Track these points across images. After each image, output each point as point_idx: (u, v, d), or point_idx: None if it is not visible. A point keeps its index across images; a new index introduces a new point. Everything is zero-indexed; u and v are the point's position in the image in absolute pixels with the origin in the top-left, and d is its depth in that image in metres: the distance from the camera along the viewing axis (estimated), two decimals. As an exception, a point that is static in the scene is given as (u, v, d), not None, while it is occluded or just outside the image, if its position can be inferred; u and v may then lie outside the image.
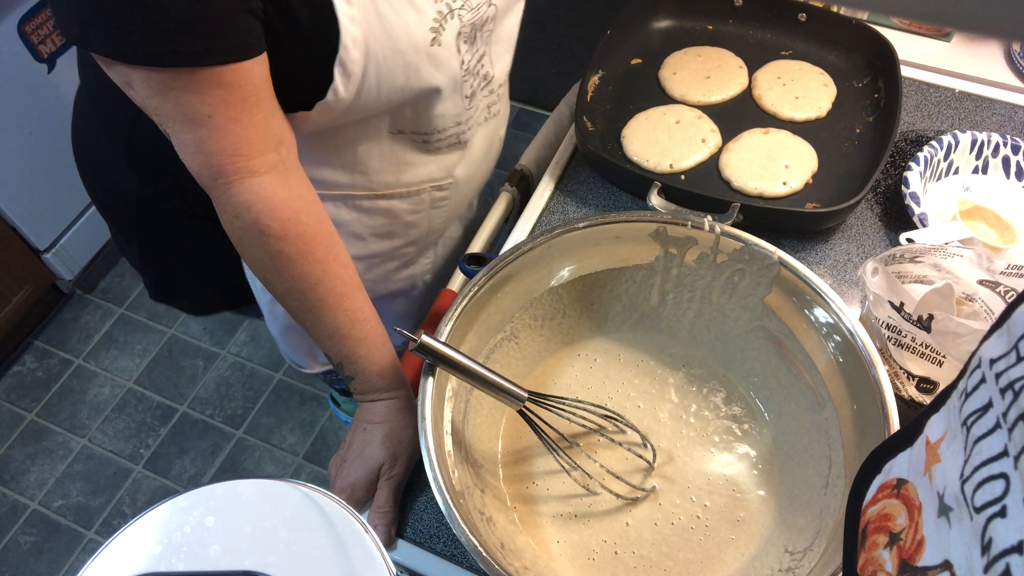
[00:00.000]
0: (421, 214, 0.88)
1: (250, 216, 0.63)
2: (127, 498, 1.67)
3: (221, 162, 0.61)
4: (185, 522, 0.54)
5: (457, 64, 0.73)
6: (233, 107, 0.59)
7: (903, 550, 0.38)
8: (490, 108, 0.85)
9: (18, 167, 1.66)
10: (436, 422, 0.62)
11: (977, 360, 0.35)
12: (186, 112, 0.59)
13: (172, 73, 0.57)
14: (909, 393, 0.67)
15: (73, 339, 1.90)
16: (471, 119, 0.82)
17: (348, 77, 0.65)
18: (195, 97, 0.58)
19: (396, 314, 1.05)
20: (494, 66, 0.81)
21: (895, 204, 0.88)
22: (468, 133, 0.82)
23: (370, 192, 0.81)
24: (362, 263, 0.90)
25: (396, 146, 0.78)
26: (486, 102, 0.83)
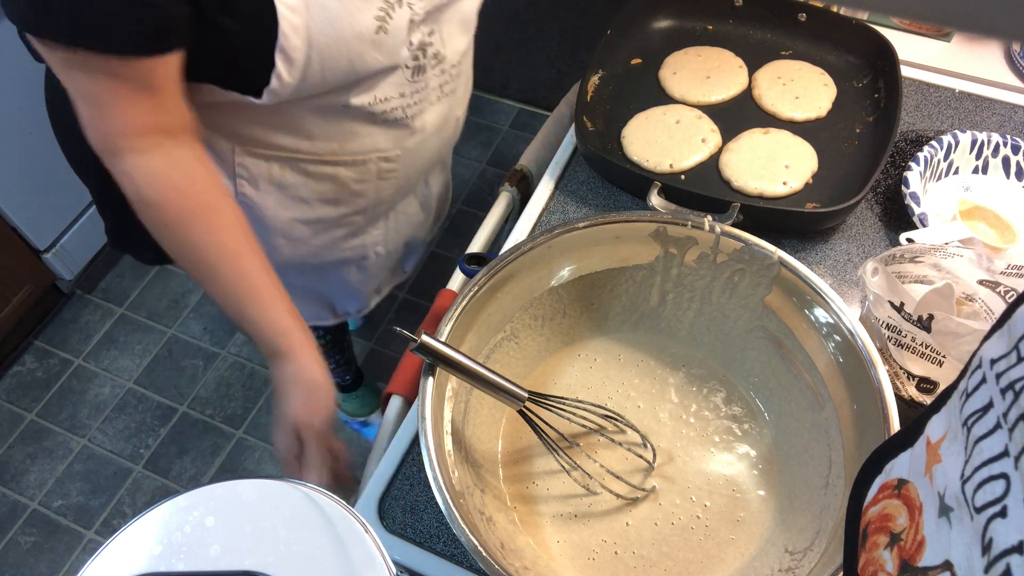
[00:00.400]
0: (368, 184, 0.89)
1: (132, 187, 0.68)
2: (127, 498, 1.67)
3: (106, 139, 0.67)
4: (185, 522, 0.54)
5: (404, 47, 0.75)
6: (121, 95, 0.64)
7: (904, 550, 0.38)
8: (443, 87, 0.86)
9: (18, 167, 1.66)
10: (436, 422, 0.62)
11: (978, 360, 0.35)
12: (79, 89, 0.65)
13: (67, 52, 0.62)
14: (909, 393, 0.67)
15: (73, 339, 1.90)
16: (421, 97, 0.83)
17: (291, 63, 0.68)
18: (86, 78, 0.64)
19: (347, 284, 1.06)
20: (446, 46, 0.82)
21: (895, 204, 0.88)
22: (415, 109, 0.83)
23: (315, 157, 0.83)
24: (308, 227, 0.92)
25: (343, 118, 0.80)
26: (438, 81, 0.84)
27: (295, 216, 0.90)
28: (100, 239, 1.94)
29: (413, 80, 0.80)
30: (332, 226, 0.93)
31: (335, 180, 0.86)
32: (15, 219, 1.69)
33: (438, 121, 0.89)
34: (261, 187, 0.86)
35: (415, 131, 0.86)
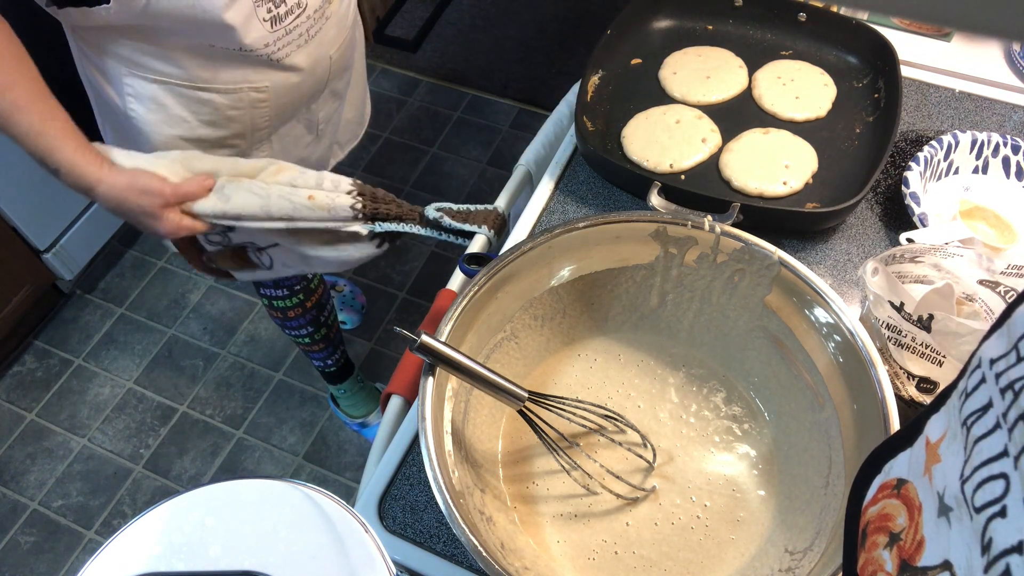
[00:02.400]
0: (242, 111, 0.95)
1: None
2: (127, 498, 1.67)
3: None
4: (185, 522, 0.54)
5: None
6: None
7: (903, 550, 0.38)
8: (309, 31, 0.91)
9: (18, 167, 1.66)
10: (436, 422, 0.62)
11: (977, 360, 0.35)
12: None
13: None
14: (909, 393, 0.67)
15: (73, 339, 1.90)
16: (287, 42, 0.89)
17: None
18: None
19: None
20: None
21: (895, 204, 0.88)
22: (282, 52, 0.90)
23: (190, 84, 0.89)
24: (192, 145, 0.97)
25: (214, 52, 0.86)
26: (305, 27, 0.90)
27: (178, 134, 0.96)
28: (100, 239, 1.94)
29: (273, 30, 0.86)
30: (215, 146, 1.00)
31: (210, 104, 0.92)
32: (15, 219, 1.69)
33: (309, 61, 0.95)
34: (146, 105, 0.92)
35: (286, 69, 0.93)
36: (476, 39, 2.37)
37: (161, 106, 0.93)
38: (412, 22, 2.43)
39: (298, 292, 1.35)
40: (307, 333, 1.44)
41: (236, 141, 1.00)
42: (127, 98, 0.92)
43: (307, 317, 1.40)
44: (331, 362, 1.56)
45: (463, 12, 2.42)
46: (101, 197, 0.82)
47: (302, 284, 1.35)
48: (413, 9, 2.46)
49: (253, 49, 0.86)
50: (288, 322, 1.41)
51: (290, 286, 1.33)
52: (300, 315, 1.39)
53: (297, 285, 1.34)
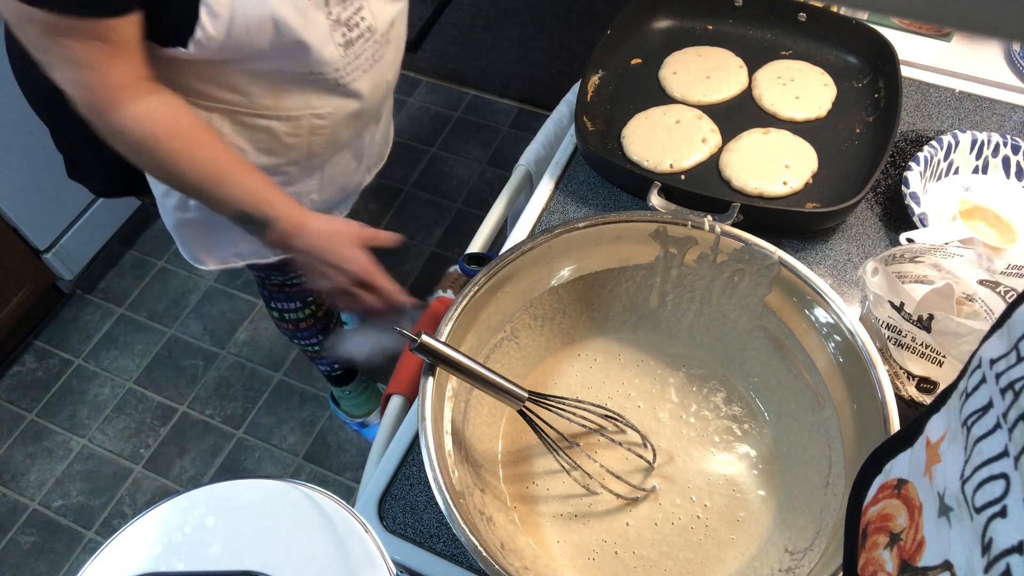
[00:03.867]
0: (300, 138, 0.94)
1: (140, 129, 0.76)
2: (127, 498, 1.67)
3: (104, 95, 0.74)
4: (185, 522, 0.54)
5: (323, 16, 0.80)
6: (110, 54, 0.72)
7: (903, 550, 0.38)
8: (373, 56, 0.91)
9: (18, 167, 1.66)
10: (436, 422, 0.62)
11: (977, 360, 0.35)
12: (69, 55, 0.71)
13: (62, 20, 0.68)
14: (909, 393, 0.67)
15: (73, 339, 1.90)
16: (353, 67, 0.88)
17: (215, 17, 0.73)
18: (78, 44, 0.70)
19: None
20: (376, 19, 0.87)
21: (895, 204, 0.88)
22: (349, 78, 0.89)
23: (251, 111, 0.88)
24: None
25: (278, 78, 0.86)
26: (370, 52, 0.89)
27: None
28: (100, 239, 1.94)
29: (345, 55, 0.85)
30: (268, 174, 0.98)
31: (269, 132, 0.92)
32: (15, 219, 1.69)
33: (369, 87, 0.94)
34: None
35: (348, 95, 0.92)
36: (476, 39, 2.37)
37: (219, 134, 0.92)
38: (412, 22, 2.43)
39: (310, 303, 1.35)
40: (317, 341, 1.45)
41: (289, 168, 0.99)
42: None
43: (318, 327, 1.41)
44: (337, 366, 1.56)
45: (463, 12, 2.42)
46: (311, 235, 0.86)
47: (314, 295, 1.35)
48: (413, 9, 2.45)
49: (323, 72, 0.85)
50: (299, 333, 1.41)
51: (303, 298, 1.33)
52: (311, 325, 1.40)
53: (309, 297, 1.34)
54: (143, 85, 0.76)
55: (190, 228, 1.04)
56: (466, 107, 2.27)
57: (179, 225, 1.04)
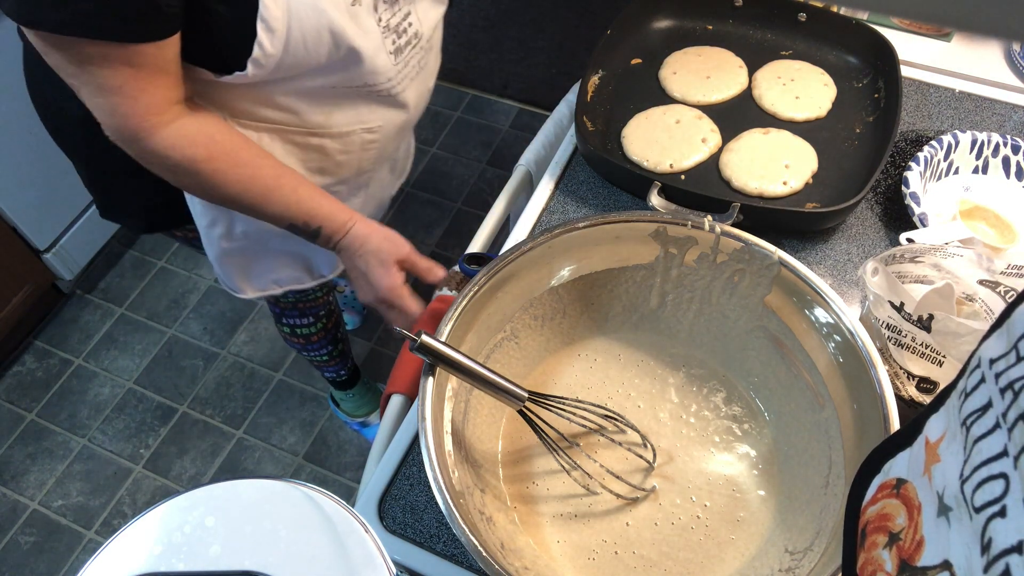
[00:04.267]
0: (351, 155, 0.93)
1: (177, 154, 0.75)
2: (127, 498, 1.67)
3: (137, 122, 0.72)
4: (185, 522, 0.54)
5: (374, 23, 0.78)
6: (141, 80, 0.70)
7: (903, 550, 0.38)
8: (420, 63, 0.89)
9: (18, 167, 1.66)
10: (436, 422, 0.62)
11: (977, 360, 0.35)
12: (101, 83, 0.69)
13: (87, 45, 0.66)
14: (909, 393, 0.67)
15: (73, 339, 1.90)
16: (403, 75, 0.87)
17: (272, 33, 0.71)
18: (109, 71, 0.68)
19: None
20: (422, 24, 0.86)
21: (895, 204, 0.88)
22: (399, 87, 0.87)
23: (303, 129, 0.87)
24: None
25: (329, 94, 0.84)
26: (417, 58, 0.88)
27: None
28: (100, 239, 1.94)
29: (395, 63, 0.84)
30: None
31: (320, 151, 0.90)
32: (15, 219, 1.69)
33: (415, 95, 0.93)
34: None
35: (397, 107, 0.91)
36: (476, 39, 2.37)
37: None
38: (412, 22, 2.43)
39: (322, 317, 1.35)
40: (327, 352, 1.45)
41: (339, 188, 0.98)
42: None
43: (327, 338, 1.41)
44: (344, 372, 1.56)
45: (463, 12, 2.42)
46: (352, 235, 0.86)
47: (325, 309, 1.35)
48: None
49: (376, 84, 0.84)
50: (310, 346, 1.40)
51: (315, 313, 1.33)
52: (322, 338, 1.40)
53: (322, 311, 1.33)
54: (177, 108, 0.75)
55: (234, 258, 1.03)
56: (466, 107, 2.27)
57: (223, 255, 1.02)
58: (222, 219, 0.96)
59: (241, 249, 1.01)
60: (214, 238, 0.99)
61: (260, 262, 1.06)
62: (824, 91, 0.94)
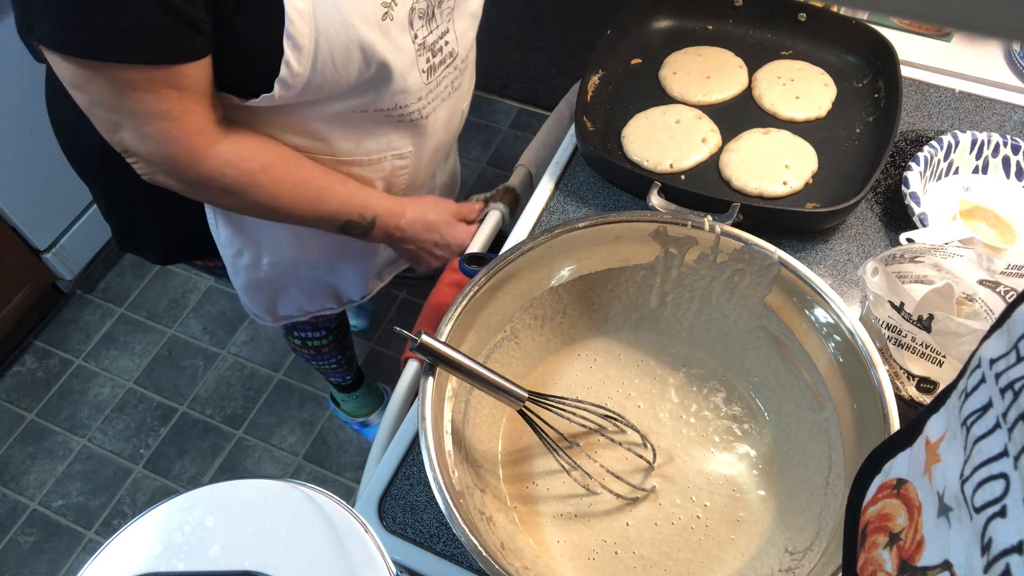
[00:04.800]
0: (382, 181, 0.91)
1: (234, 170, 0.75)
2: (127, 498, 1.67)
3: (189, 144, 0.71)
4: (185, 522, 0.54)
5: (409, 40, 0.76)
6: (186, 101, 0.69)
7: (903, 550, 0.38)
8: (453, 83, 0.88)
9: (18, 167, 1.66)
10: (436, 422, 0.62)
11: (977, 360, 0.35)
12: (147, 108, 0.68)
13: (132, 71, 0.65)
14: (909, 393, 0.67)
15: (73, 339, 1.90)
16: (434, 95, 0.85)
17: (299, 50, 0.69)
18: (152, 96, 0.67)
19: (355, 273, 1.09)
20: (459, 43, 0.84)
21: (895, 204, 0.88)
22: (429, 108, 0.85)
23: (331, 157, 0.85)
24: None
25: (358, 120, 0.83)
26: (450, 78, 0.86)
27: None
28: (100, 239, 1.94)
29: (427, 82, 0.82)
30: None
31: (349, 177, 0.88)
32: (15, 219, 1.69)
33: (446, 116, 0.91)
34: None
35: (427, 129, 0.88)
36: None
37: None
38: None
39: (333, 329, 1.35)
40: (335, 361, 1.45)
41: None
42: None
43: (337, 347, 1.41)
44: (349, 376, 1.56)
45: (463, 12, 2.41)
46: (409, 222, 0.90)
47: (336, 320, 1.35)
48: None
49: (406, 104, 0.82)
50: (320, 356, 1.40)
51: (327, 325, 1.33)
52: (333, 348, 1.40)
53: (333, 323, 1.33)
54: (220, 128, 0.74)
55: (261, 287, 1.02)
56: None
57: (250, 284, 1.01)
58: (249, 249, 0.95)
59: (268, 279, 1.00)
60: (240, 268, 0.97)
61: (288, 291, 1.05)
62: (824, 91, 0.94)
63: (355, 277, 1.09)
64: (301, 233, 0.94)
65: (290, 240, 0.95)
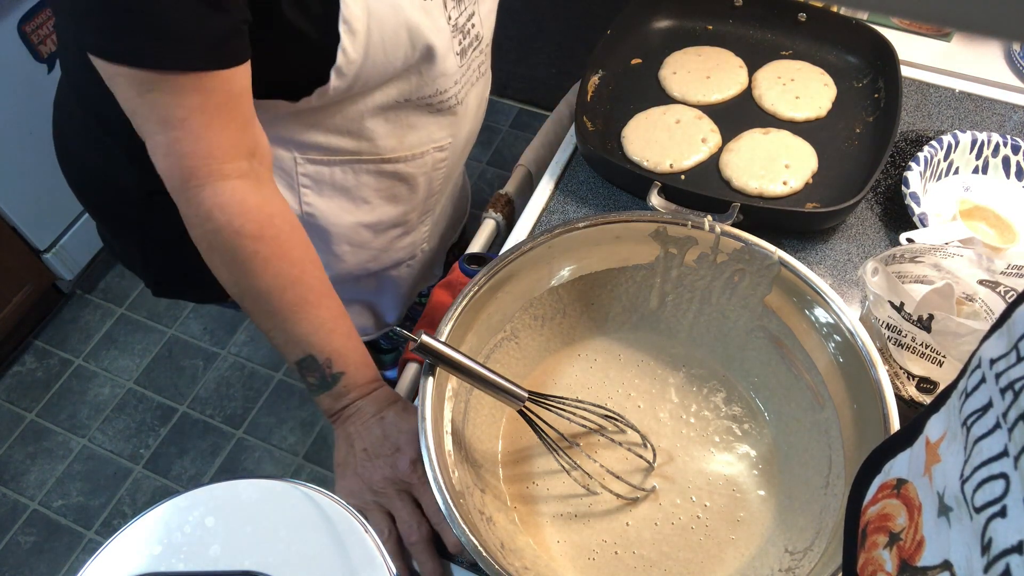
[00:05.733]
0: (424, 176, 0.91)
1: (224, 217, 0.63)
2: (127, 498, 1.67)
3: (193, 164, 0.62)
4: (185, 522, 0.54)
5: (444, 20, 0.76)
6: (208, 112, 0.61)
7: (903, 550, 0.38)
8: (480, 67, 0.88)
9: (18, 167, 1.66)
10: (436, 422, 0.62)
11: (977, 360, 0.35)
12: (161, 114, 0.60)
13: (150, 74, 0.59)
14: (909, 393, 0.67)
15: (73, 339, 1.90)
16: (466, 79, 0.85)
17: (354, 35, 0.67)
18: (170, 99, 0.60)
19: (396, 288, 1.08)
20: (484, 26, 0.84)
21: (895, 204, 0.88)
22: (463, 92, 0.85)
23: (376, 157, 0.84)
24: (370, 230, 0.93)
25: (400, 113, 0.81)
26: (477, 62, 0.86)
27: (359, 220, 0.90)
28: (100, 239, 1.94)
29: (460, 64, 0.81)
30: (390, 226, 0.95)
31: (396, 176, 0.88)
32: (15, 219, 1.69)
33: (476, 102, 0.91)
34: (325, 193, 0.85)
35: (461, 116, 0.88)
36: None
37: (343, 190, 0.84)
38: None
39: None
40: None
41: (411, 215, 0.95)
42: (302, 191, 0.83)
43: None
44: None
45: (463, 12, 2.42)
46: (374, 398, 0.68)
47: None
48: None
49: (446, 90, 0.80)
50: None
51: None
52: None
53: None
54: (242, 166, 0.64)
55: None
56: (466, 107, 2.27)
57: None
58: None
59: None
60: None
61: None
62: (824, 91, 0.94)
63: (397, 292, 1.07)
64: (353, 240, 0.91)
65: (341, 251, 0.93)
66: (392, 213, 0.92)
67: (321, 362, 0.67)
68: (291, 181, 0.83)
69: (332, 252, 0.92)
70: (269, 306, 0.66)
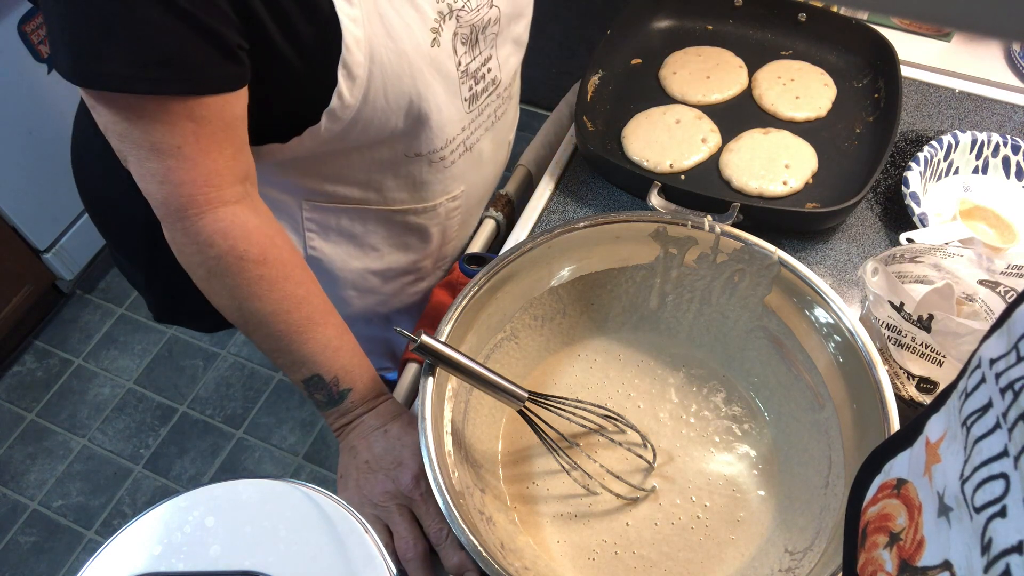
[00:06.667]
0: (437, 225, 0.88)
1: (226, 243, 0.62)
2: (127, 498, 1.67)
3: (191, 192, 0.60)
4: (185, 522, 0.54)
5: (453, 66, 0.73)
6: (203, 139, 0.59)
7: (903, 550, 0.38)
8: (496, 112, 0.84)
9: (18, 167, 1.66)
10: (436, 422, 0.62)
11: (977, 360, 0.35)
12: (154, 141, 0.58)
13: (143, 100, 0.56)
14: (909, 393, 0.67)
15: (73, 339, 1.90)
16: (477, 124, 0.82)
17: (353, 80, 0.65)
18: (166, 127, 0.57)
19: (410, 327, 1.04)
20: (502, 70, 0.81)
21: (895, 204, 0.88)
22: (474, 137, 0.82)
23: (385, 207, 0.82)
24: (378, 277, 0.90)
25: (411, 168, 0.78)
26: (493, 107, 0.83)
27: (366, 267, 0.88)
28: (100, 239, 1.93)
29: (469, 111, 0.78)
30: (401, 273, 0.92)
31: (405, 226, 0.86)
32: (15, 219, 1.69)
33: (492, 147, 0.87)
34: (331, 239, 0.83)
35: (474, 162, 0.85)
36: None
37: (349, 236, 0.82)
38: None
39: None
40: None
41: (424, 263, 0.92)
42: (307, 235, 0.81)
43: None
44: None
45: (463, 12, 2.42)
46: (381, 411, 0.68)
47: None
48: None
49: (444, 144, 0.77)
50: None
51: None
52: None
53: None
54: (239, 190, 0.63)
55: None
56: (466, 107, 2.27)
57: None
58: None
59: None
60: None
61: None
62: (824, 91, 0.94)
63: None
64: (357, 285, 0.89)
65: (347, 295, 0.91)
66: (403, 261, 0.90)
67: (328, 380, 0.67)
68: (296, 225, 0.81)
69: (338, 296, 0.90)
70: (274, 329, 0.65)
